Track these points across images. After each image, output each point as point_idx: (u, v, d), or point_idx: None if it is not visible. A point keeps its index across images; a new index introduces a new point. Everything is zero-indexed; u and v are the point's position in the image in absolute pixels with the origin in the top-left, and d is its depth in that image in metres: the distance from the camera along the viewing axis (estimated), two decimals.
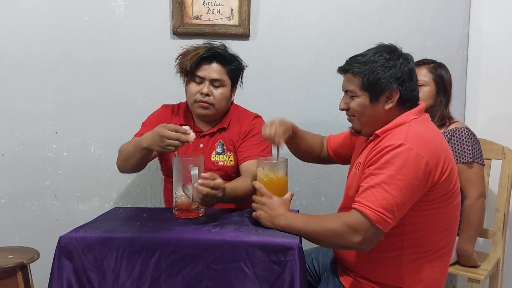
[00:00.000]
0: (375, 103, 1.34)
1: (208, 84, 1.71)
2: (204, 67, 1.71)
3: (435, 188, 1.25)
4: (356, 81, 1.36)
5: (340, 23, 2.25)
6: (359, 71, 1.34)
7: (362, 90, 1.35)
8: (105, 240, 1.30)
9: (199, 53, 1.69)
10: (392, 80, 1.32)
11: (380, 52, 1.36)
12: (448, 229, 1.33)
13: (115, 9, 2.21)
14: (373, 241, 1.24)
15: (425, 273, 1.32)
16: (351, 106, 1.39)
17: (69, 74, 2.24)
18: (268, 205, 1.39)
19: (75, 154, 2.28)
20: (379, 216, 1.19)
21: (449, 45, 2.30)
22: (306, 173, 2.33)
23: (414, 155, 1.20)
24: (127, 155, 1.66)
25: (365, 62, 1.35)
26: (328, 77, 2.26)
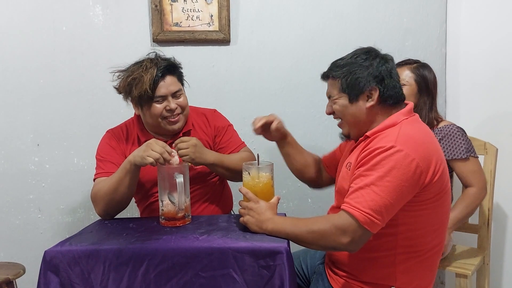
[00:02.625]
0: (355, 103, 1.36)
1: (171, 99, 1.67)
2: (161, 85, 1.64)
3: (427, 189, 1.25)
4: (336, 84, 1.39)
5: (320, 25, 2.27)
6: (337, 74, 1.38)
7: (341, 92, 1.38)
8: (92, 252, 1.28)
9: (153, 75, 1.61)
10: (370, 78, 1.34)
11: (357, 54, 1.39)
12: (439, 228, 1.34)
13: (93, 18, 2.20)
14: (361, 242, 1.24)
15: (417, 272, 1.33)
16: (334, 108, 1.41)
17: (49, 86, 2.21)
18: (255, 210, 1.38)
19: (58, 166, 2.25)
20: (367, 218, 1.20)
21: (427, 43, 2.34)
22: (292, 176, 2.33)
23: (404, 157, 1.20)
24: (115, 186, 1.57)
25: (343, 65, 1.38)
26: (310, 79, 2.28)
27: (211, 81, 2.26)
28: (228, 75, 2.26)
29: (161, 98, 1.66)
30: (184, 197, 1.49)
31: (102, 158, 1.72)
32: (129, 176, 1.56)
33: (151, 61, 1.67)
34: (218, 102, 2.21)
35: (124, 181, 1.57)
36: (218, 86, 2.26)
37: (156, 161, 1.48)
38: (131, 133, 1.79)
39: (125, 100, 1.70)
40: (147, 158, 1.48)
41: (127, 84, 1.64)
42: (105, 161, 1.71)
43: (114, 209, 1.65)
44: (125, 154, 1.73)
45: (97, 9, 2.19)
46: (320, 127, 2.31)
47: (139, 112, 1.73)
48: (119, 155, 1.73)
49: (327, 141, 2.31)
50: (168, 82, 1.66)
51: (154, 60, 1.67)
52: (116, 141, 1.76)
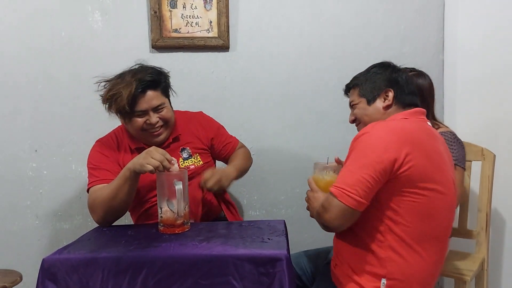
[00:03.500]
0: (373, 104, 1.49)
1: (152, 113, 1.66)
2: (140, 101, 1.63)
3: (399, 176, 1.27)
4: (356, 91, 1.53)
5: (318, 32, 2.28)
6: (356, 82, 1.54)
7: (360, 97, 1.51)
8: (90, 260, 1.28)
9: (131, 91, 1.59)
10: (385, 82, 1.48)
11: (373, 66, 1.55)
12: (429, 218, 1.33)
13: (92, 24, 2.20)
14: (342, 218, 1.30)
15: (408, 262, 1.32)
16: (356, 113, 1.53)
17: (47, 91, 2.21)
18: (311, 199, 1.49)
19: (56, 172, 2.24)
20: (340, 191, 1.28)
21: (425, 50, 2.35)
22: (291, 182, 2.34)
23: (375, 137, 1.30)
24: (114, 193, 1.57)
25: (360, 75, 1.55)
26: (309, 85, 2.29)
27: (210, 87, 2.26)
28: (227, 82, 2.26)
29: (141, 112, 1.66)
30: (183, 204, 1.49)
31: (96, 166, 1.71)
32: (129, 183, 1.56)
33: (133, 75, 1.65)
34: (217, 108, 2.21)
35: (123, 188, 1.56)
36: (217, 92, 2.26)
37: (155, 169, 1.48)
38: (121, 141, 1.78)
39: (107, 112, 1.69)
40: (146, 166, 1.48)
41: (107, 99, 1.64)
42: (99, 169, 1.70)
43: (113, 216, 1.65)
44: (118, 162, 1.73)
45: (96, 15, 2.19)
46: (319, 133, 2.32)
47: (123, 123, 1.75)
48: (112, 163, 1.72)
49: (327, 147, 2.31)
50: (149, 97, 1.65)
51: (137, 74, 1.65)
52: (107, 149, 1.76)
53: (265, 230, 1.51)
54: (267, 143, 2.31)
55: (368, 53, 2.28)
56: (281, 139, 2.31)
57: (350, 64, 2.28)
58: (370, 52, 2.28)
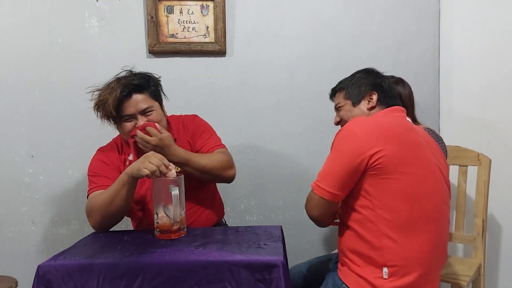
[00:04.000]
0: (358, 106, 1.55)
1: (140, 117, 1.66)
2: (126, 105, 1.64)
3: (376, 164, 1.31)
4: (342, 94, 1.61)
5: (315, 39, 2.29)
6: (342, 86, 1.62)
7: (346, 99, 1.59)
8: (86, 266, 1.27)
9: (116, 96, 1.61)
10: (369, 85, 1.55)
11: (358, 72, 1.63)
12: (413, 201, 1.33)
13: (89, 30, 2.20)
14: (319, 209, 1.40)
15: (404, 246, 1.33)
16: (341, 115, 1.59)
17: (44, 97, 2.21)
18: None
19: (52, 178, 2.24)
20: (315, 184, 1.40)
21: (421, 58, 2.36)
22: (289, 187, 2.34)
23: (348, 132, 1.36)
24: (111, 198, 1.56)
25: (346, 79, 1.63)
26: (305, 91, 2.29)
27: (206, 92, 2.26)
28: (224, 87, 2.26)
29: (129, 117, 1.65)
30: (179, 210, 1.49)
31: (95, 173, 1.72)
32: (126, 188, 1.55)
33: (118, 81, 1.66)
34: (213, 114, 2.22)
35: (121, 193, 1.56)
36: (214, 97, 2.26)
37: (152, 173, 1.48)
38: (121, 149, 1.79)
39: (100, 120, 1.70)
40: (143, 170, 1.48)
41: (95, 106, 1.66)
42: (99, 176, 1.70)
43: (109, 222, 1.64)
44: (119, 170, 1.73)
45: (93, 21, 2.19)
46: (316, 138, 2.32)
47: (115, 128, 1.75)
48: (112, 170, 1.72)
49: (323, 152, 2.30)
50: (136, 100, 1.65)
51: (122, 79, 1.66)
52: (108, 157, 1.76)
53: (262, 236, 1.51)
54: (264, 148, 2.31)
55: (364, 60, 2.28)
56: (278, 145, 2.31)
57: (346, 71, 2.23)
58: (366, 59, 2.29)
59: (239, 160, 2.29)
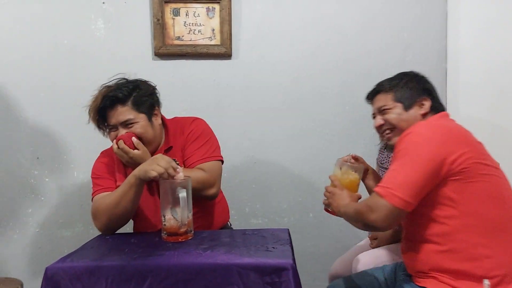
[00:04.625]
0: (409, 110, 1.47)
1: (121, 128, 1.65)
2: (110, 115, 1.65)
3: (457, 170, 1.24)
4: (389, 96, 1.51)
5: (320, 40, 2.28)
6: (390, 86, 1.52)
7: (396, 101, 1.49)
8: (94, 269, 1.26)
9: (97, 105, 1.64)
10: (421, 90, 1.49)
11: (404, 74, 1.55)
12: (505, 204, 1.29)
13: (95, 32, 2.20)
14: (389, 219, 1.25)
15: (503, 251, 1.26)
16: (388, 118, 1.50)
17: (50, 99, 2.21)
18: (337, 195, 1.46)
19: (58, 180, 2.24)
20: (386, 191, 1.25)
21: (428, 58, 2.34)
22: (293, 190, 2.33)
23: (421, 137, 1.28)
24: (118, 200, 1.55)
25: (390, 80, 1.54)
26: (311, 94, 2.29)
27: (212, 95, 2.26)
28: (229, 89, 2.26)
29: (112, 127, 1.67)
30: (186, 212, 1.48)
31: (99, 176, 1.71)
32: (134, 190, 1.54)
33: (102, 91, 1.68)
34: (218, 116, 2.21)
35: (128, 195, 1.55)
36: (219, 100, 2.26)
37: (160, 176, 1.47)
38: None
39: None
40: (151, 172, 1.47)
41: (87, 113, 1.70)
42: (103, 178, 1.70)
43: (116, 224, 1.64)
44: (122, 172, 1.72)
45: (98, 23, 2.19)
46: (321, 141, 2.31)
47: None
48: (116, 172, 1.72)
49: (329, 156, 2.29)
50: (117, 112, 1.64)
51: (108, 89, 1.67)
52: (111, 160, 1.75)
53: (269, 239, 1.50)
54: (269, 151, 2.30)
55: (371, 62, 2.28)
56: (283, 147, 2.30)
57: (352, 73, 2.28)
58: (372, 61, 2.28)
59: (244, 163, 2.28)
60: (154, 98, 1.73)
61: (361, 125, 2.29)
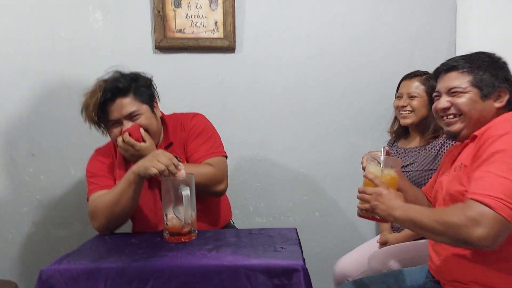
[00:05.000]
0: (486, 100, 1.28)
1: (126, 121, 1.57)
2: (111, 109, 1.56)
3: None
4: (466, 77, 1.30)
5: (327, 34, 2.20)
6: (470, 67, 1.30)
7: (473, 86, 1.29)
8: (92, 271, 1.19)
9: (97, 100, 1.53)
10: (502, 80, 1.29)
11: (484, 54, 1.34)
12: None
13: (93, 24, 2.12)
14: (499, 235, 1.06)
15: None
16: (458, 102, 1.29)
17: (46, 94, 2.12)
18: (384, 196, 1.24)
19: (54, 177, 2.16)
20: (501, 203, 1.05)
21: (437, 54, 2.26)
22: (299, 189, 2.26)
23: None
24: (117, 198, 1.49)
25: (472, 58, 1.33)
26: (317, 89, 2.21)
27: (214, 90, 2.18)
28: (233, 84, 2.18)
29: (114, 122, 1.58)
30: (190, 211, 1.41)
31: (95, 174, 1.64)
32: (133, 187, 1.48)
33: (101, 84, 1.58)
34: (221, 112, 2.14)
35: (127, 193, 1.49)
36: (222, 95, 2.18)
37: (161, 173, 1.40)
38: (118, 150, 1.69)
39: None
40: (151, 169, 1.41)
41: (80, 113, 1.59)
42: (99, 176, 1.63)
43: (115, 224, 1.57)
44: (122, 167, 1.65)
45: (97, 15, 2.11)
46: (328, 138, 2.23)
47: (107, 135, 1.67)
48: (113, 171, 1.66)
49: (334, 153, 2.23)
50: (120, 105, 1.56)
51: (105, 82, 1.58)
52: (106, 157, 1.69)
53: (277, 239, 1.43)
54: (274, 148, 2.22)
55: (379, 57, 2.21)
56: (288, 145, 2.23)
57: (360, 68, 2.21)
58: (381, 56, 2.21)
59: (248, 161, 2.21)
60: (152, 89, 1.68)
61: (369, 123, 2.23)
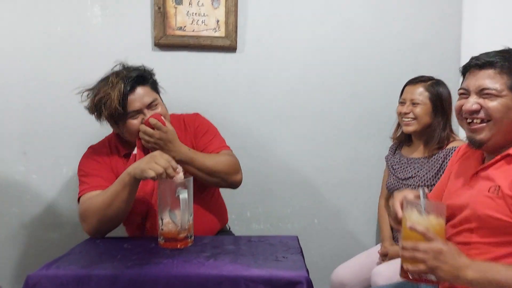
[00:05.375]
0: None
1: (147, 111, 1.53)
2: (132, 100, 1.51)
3: None
4: (504, 79, 1.15)
5: (330, 36, 2.14)
6: (509, 67, 1.15)
7: (510, 90, 1.14)
8: (82, 278, 1.12)
9: (121, 90, 1.48)
10: None
11: None
12: None
13: (91, 19, 2.05)
14: None
15: None
16: (490, 106, 1.15)
17: (40, 90, 2.05)
18: (446, 254, 1.02)
19: (46, 177, 2.08)
20: None
21: (442, 59, 2.21)
22: (297, 195, 2.19)
23: None
24: (110, 200, 1.42)
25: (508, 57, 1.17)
26: (319, 91, 2.15)
27: (214, 90, 2.11)
28: (233, 84, 2.11)
29: (135, 113, 1.52)
30: (187, 216, 1.34)
31: (88, 173, 1.58)
32: (128, 189, 1.41)
33: (116, 75, 1.53)
34: (221, 113, 2.07)
35: (121, 195, 1.42)
36: (222, 95, 2.11)
37: (158, 176, 1.34)
38: (114, 148, 1.65)
39: (98, 120, 1.57)
40: (148, 172, 1.34)
41: (95, 105, 1.52)
42: (92, 175, 1.57)
43: (106, 227, 1.50)
44: (112, 169, 1.60)
45: (95, 9, 2.04)
46: (329, 142, 2.17)
47: (117, 130, 1.61)
48: (106, 170, 1.59)
49: (337, 157, 2.17)
50: (141, 94, 1.53)
51: (120, 73, 1.54)
52: (100, 156, 1.62)
53: (278, 247, 1.36)
54: (273, 152, 2.16)
55: (384, 61, 2.16)
56: (288, 149, 2.17)
57: (363, 73, 2.16)
58: (385, 60, 2.16)
59: (247, 164, 2.11)
60: (157, 82, 1.65)
61: (371, 128, 2.17)
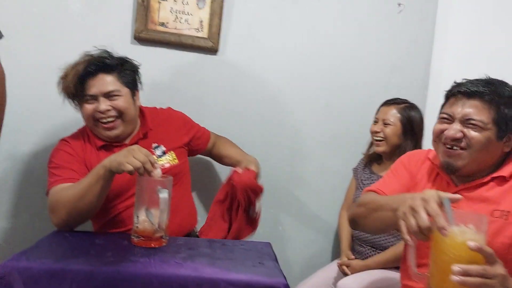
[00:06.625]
0: (499, 142, 1.17)
1: (103, 99, 1.52)
2: (91, 83, 1.52)
3: None
4: (490, 112, 1.15)
5: (312, 49, 2.17)
6: (498, 100, 1.15)
7: (494, 124, 1.15)
8: (56, 272, 1.08)
9: (79, 71, 1.50)
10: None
11: (507, 86, 1.19)
12: None
13: (70, 4, 1.96)
14: None
15: None
16: (474, 137, 1.15)
17: (10, 76, 1.90)
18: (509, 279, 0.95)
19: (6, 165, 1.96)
20: None
21: (411, 83, 2.31)
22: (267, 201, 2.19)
23: None
24: (82, 192, 1.37)
25: (499, 92, 1.16)
26: (299, 102, 2.18)
27: (193, 90, 2.08)
28: (212, 86, 2.09)
29: (90, 98, 1.53)
30: (165, 216, 1.32)
31: (59, 166, 1.52)
32: (101, 183, 1.37)
33: (85, 57, 1.56)
34: (197, 113, 2.02)
35: (94, 188, 1.37)
36: (201, 96, 2.09)
37: (135, 170, 1.31)
38: (87, 140, 1.61)
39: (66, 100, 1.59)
40: (125, 165, 1.30)
41: (58, 82, 1.55)
42: (64, 168, 1.51)
43: (76, 220, 1.45)
44: (85, 163, 1.55)
45: None
46: (301, 153, 2.20)
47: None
48: (79, 163, 1.54)
49: (305, 168, 2.21)
50: (101, 81, 1.52)
51: (91, 57, 1.55)
52: (73, 148, 1.57)
53: (253, 253, 1.37)
54: None
55: (358, 78, 2.23)
56: (260, 155, 2.14)
57: (339, 86, 2.21)
58: (359, 77, 2.23)
59: (219, 167, 2.12)
60: (137, 77, 1.64)
61: (342, 140, 2.23)
